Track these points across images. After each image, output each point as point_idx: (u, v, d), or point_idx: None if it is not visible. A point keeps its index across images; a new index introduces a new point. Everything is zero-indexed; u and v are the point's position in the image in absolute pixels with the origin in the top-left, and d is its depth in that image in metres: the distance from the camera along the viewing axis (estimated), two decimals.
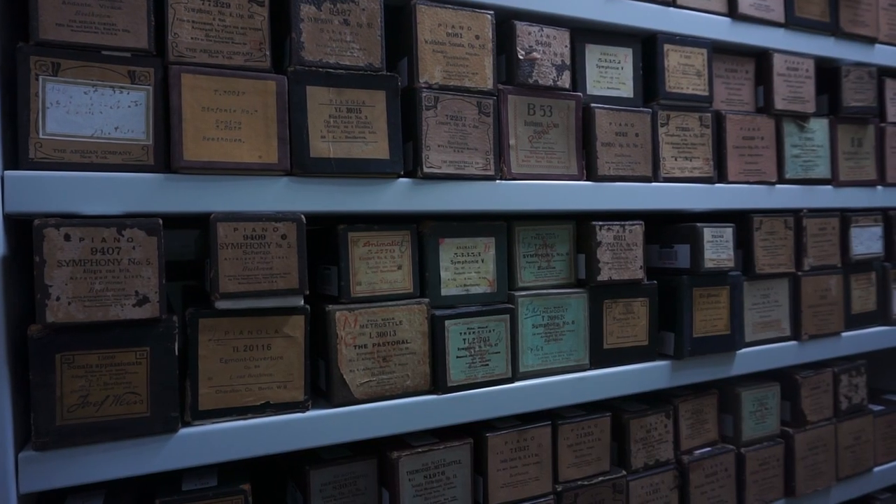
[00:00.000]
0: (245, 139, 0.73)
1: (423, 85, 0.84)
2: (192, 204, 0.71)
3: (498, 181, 0.89)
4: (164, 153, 0.71)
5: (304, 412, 0.77)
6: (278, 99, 0.75)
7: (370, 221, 0.84)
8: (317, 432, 0.77)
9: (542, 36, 0.92)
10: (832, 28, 1.22)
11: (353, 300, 0.81)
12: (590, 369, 0.97)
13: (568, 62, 0.95)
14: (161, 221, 0.69)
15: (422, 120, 0.83)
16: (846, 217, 1.23)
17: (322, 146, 0.77)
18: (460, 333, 0.86)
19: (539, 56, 0.92)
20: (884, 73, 1.32)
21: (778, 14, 1.15)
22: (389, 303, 0.83)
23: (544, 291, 0.94)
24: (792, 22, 1.17)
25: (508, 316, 0.90)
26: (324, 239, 0.88)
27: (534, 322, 0.92)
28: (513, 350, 0.91)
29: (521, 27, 0.91)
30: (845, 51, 1.24)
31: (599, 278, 0.95)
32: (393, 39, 0.88)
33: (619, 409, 1.04)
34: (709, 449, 1.11)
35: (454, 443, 0.87)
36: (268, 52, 0.76)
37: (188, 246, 1.19)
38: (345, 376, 0.80)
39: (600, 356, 0.98)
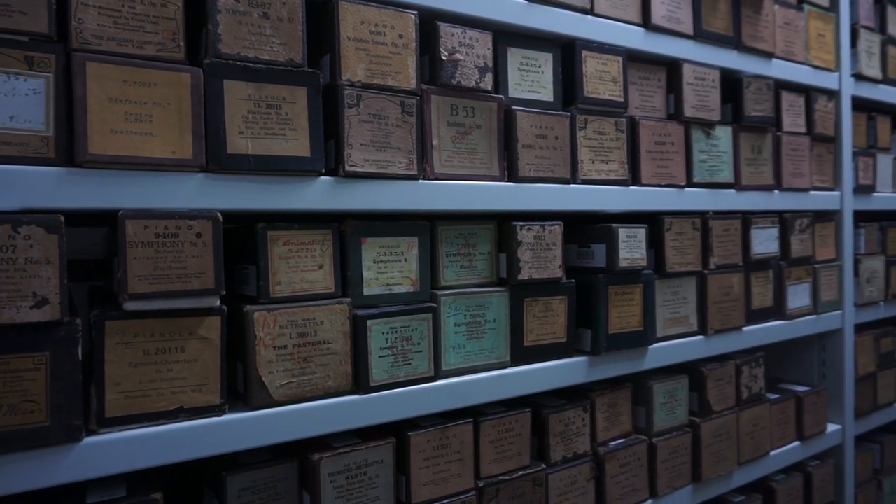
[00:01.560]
0: (157, 133, 0.70)
1: (345, 83, 0.83)
2: (98, 200, 0.68)
3: (421, 181, 0.89)
4: (67, 146, 0.67)
5: (220, 416, 0.75)
6: (193, 92, 0.72)
7: (290, 220, 0.82)
8: (234, 437, 0.75)
9: (465, 38, 0.93)
10: (735, 42, 1.30)
11: (273, 300, 0.79)
12: (511, 366, 0.99)
13: (490, 64, 0.96)
14: (62, 218, 0.64)
15: (344, 118, 0.82)
16: (747, 219, 1.31)
17: (240, 142, 0.75)
18: (382, 333, 0.86)
19: (462, 57, 0.93)
20: (780, 85, 1.42)
21: (687, 27, 1.22)
22: (310, 303, 0.81)
23: (466, 290, 0.95)
24: (700, 35, 1.24)
25: (431, 315, 0.90)
26: (242, 238, 0.85)
27: (456, 321, 0.93)
28: (435, 349, 0.92)
29: (445, 28, 0.92)
30: (747, 63, 1.32)
31: (520, 277, 0.98)
32: (315, 35, 0.87)
33: (538, 405, 1.07)
34: (623, 440, 1.16)
35: (376, 442, 0.87)
36: (182, 44, 0.73)
37: (98, 244, 1.13)
38: (263, 378, 0.78)
39: (521, 353, 1.00)
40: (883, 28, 1.69)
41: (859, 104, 1.64)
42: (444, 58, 0.91)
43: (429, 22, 0.93)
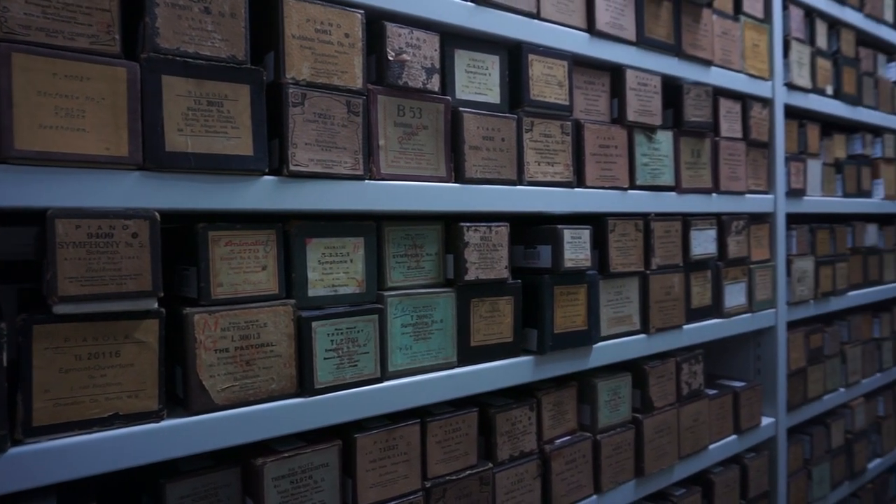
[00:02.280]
0: (90, 129, 0.68)
1: (289, 81, 0.82)
2: (26, 198, 0.65)
3: (367, 181, 0.89)
4: None
5: (158, 422, 0.72)
6: (129, 87, 0.70)
7: (232, 220, 0.81)
8: (173, 443, 0.73)
9: (412, 38, 0.93)
10: (676, 49, 1.34)
11: (214, 302, 0.77)
12: (458, 367, 1.00)
13: (438, 66, 0.96)
14: None
15: (288, 117, 0.81)
16: (687, 221, 1.36)
17: (179, 140, 0.73)
18: (328, 334, 0.85)
19: (409, 58, 0.93)
20: (718, 92, 1.48)
21: (630, 33, 1.25)
22: (253, 304, 0.80)
23: (413, 291, 0.95)
24: (642, 41, 1.27)
25: (377, 316, 0.90)
26: (182, 238, 0.83)
27: (403, 321, 0.93)
28: (382, 350, 0.91)
29: (392, 28, 0.91)
30: (686, 70, 1.37)
31: (467, 278, 0.98)
32: (259, 32, 0.85)
33: (485, 405, 1.08)
34: (569, 438, 1.18)
35: (322, 445, 0.86)
36: (118, 36, 0.70)
37: (28, 244, 1.07)
38: (204, 382, 0.76)
39: (468, 353, 1.01)
40: (812, 40, 1.78)
41: (791, 112, 1.72)
42: (390, 58, 0.91)
43: (375, 22, 0.92)
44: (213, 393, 0.76)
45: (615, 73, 1.25)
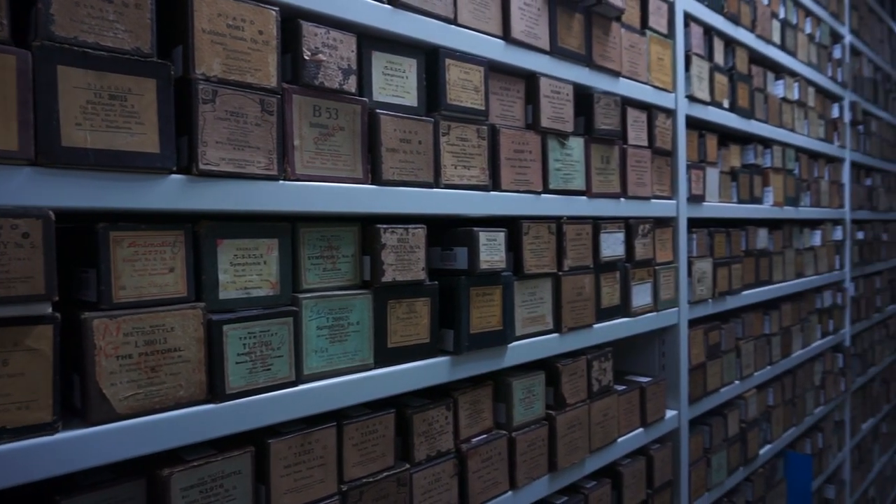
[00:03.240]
0: None
1: (199, 76, 0.79)
2: None
3: (282, 181, 0.87)
4: None
5: (52, 435, 0.68)
6: (20, 77, 0.65)
7: (137, 220, 0.77)
8: (69, 456, 0.69)
9: (328, 38, 0.93)
10: (587, 60, 1.40)
11: (116, 306, 0.74)
12: (374, 368, 1.00)
13: (355, 67, 0.96)
14: None
15: (198, 114, 0.78)
16: (597, 224, 1.42)
17: (77, 135, 0.69)
18: (240, 338, 0.83)
19: (325, 58, 0.92)
20: (626, 102, 1.55)
21: (544, 42, 1.29)
22: (159, 308, 0.76)
23: (329, 293, 0.94)
24: (555, 51, 1.32)
25: (292, 318, 0.88)
26: (81, 239, 0.78)
27: (318, 324, 0.92)
28: (297, 353, 0.90)
29: (308, 27, 0.90)
30: (596, 80, 1.43)
31: (384, 279, 0.98)
32: (166, 25, 0.82)
33: (402, 405, 1.09)
34: (485, 436, 1.20)
35: (234, 452, 0.84)
36: (6, 22, 0.66)
37: None
38: (104, 391, 0.72)
39: (385, 355, 1.01)
40: (711, 57, 1.90)
41: (692, 123, 1.83)
42: (306, 57, 0.90)
43: (291, 20, 0.91)
44: (115, 402, 0.73)
45: (529, 80, 1.29)
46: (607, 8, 1.41)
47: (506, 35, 1.22)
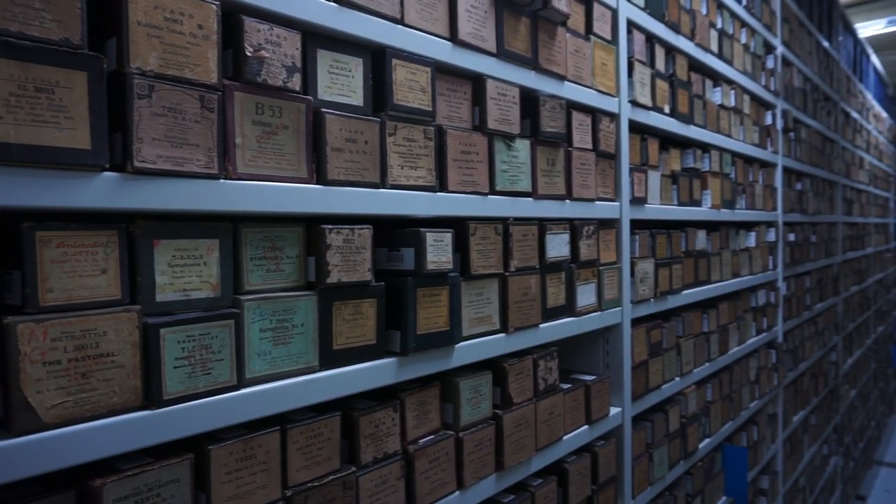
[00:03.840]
0: None
1: (134, 71, 0.76)
2: None
3: (223, 180, 0.85)
4: None
5: None
6: None
7: (66, 219, 0.74)
8: None
9: (271, 35, 0.91)
10: (533, 63, 1.42)
11: (42, 310, 0.70)
12: (320, 371, 0.98)
13: (299, 65, 0.95)
14: None
15: (133, 109, 0.76)
16: (543, 225, 1.44)
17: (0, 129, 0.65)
18: (178, 342, 0.80)
19: (268, 55, 0.90)
20: (571, 105, 1.58)
21: (491, 45, 1.30)
22: (91, 311, 0.73)
23: (273, 294, 0.92)
24: (502, 53, 1.33)
25: (233, 321, 0.86)
26: (5, 239, 0.74)
27: (261, 326, 0.90)
28: (238, 356, 0.88)
29: (250, 23, 0.88)
30: (542, 84, 1.45)
31: (329, 280, 0.97)
32: (99, 16, 0.79)
33: (349, 408, 1.07)
34: (432, 437, 1.20)
35: (171, 460, 0.81)
36: None
37: None
38: (30, 399, 0.68)
39: (330, 357, 1.00)
40: (653, 63, 1.96)
41: (634, 127, 1.88)
42: (248, 54, 0.88)
43: (233, 15, 0.89)
44: (42, 410, 0.69)
45: (476, 82, 1.29)
46: (553, 13, 1.43)
47: (453, 36, 1.22)
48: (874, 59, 6.29)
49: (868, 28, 6.94)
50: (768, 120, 3.01)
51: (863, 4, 6.74)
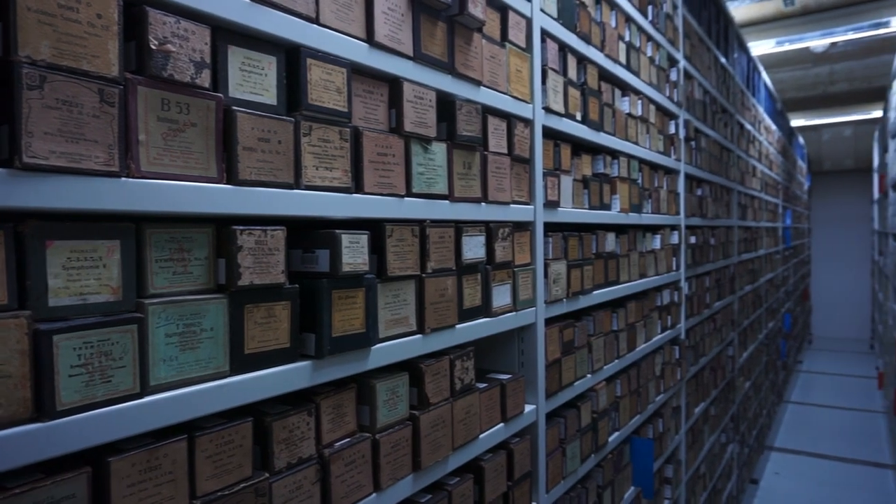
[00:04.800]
0: None
1: (24, 59, 0.71)
2: None
3: (124, 179, 0.81)
4: None
5: None
6: None
7: None
8: None
9: (178, 28, 0.88)
10: (449, 67, 1.44)
11: None
12: (230, 376, 0.95)
13: (209, 61, 0.92)
14: None
15: (22, 101, 0.71)
16: (459, 228, 1.46)
17: None
18: (74, 349, 0.76)
19: (175, 49, 0.87)
20: (487, 110, 1.62)
21: (408, 48, 1.31)
22: None
23: (180, 298, 0.89)
24: (419, 57, 1.34)
25: (136, 326, 0.82)
26: None
27: (167, 331, 0.87)
28: (142, 363, 0.84)
29: (155, 15, 0.85)
30: (459, 88, 1.48)
31: (240, 283, 0.95)
32: None
33: (262, 413, 1.05)
34: (348, 440, 1.20)
35: (66, 475, 0.76)
36: None
37: None
38: None
39: (242, 362, 0.97)
40: (565, 72, 2.03)
41: (547, 133, 1.95)
42: (153, 47, 0.85)
43: (136, 5, 0.85)
44: None
45: (393, 84, 1.30)
46: (469, 19, 1.46)
47: (369, 38, 1.22)
48: (765, 75, 6.80)
49: (759, 47, 7.50)
50: (672, 129, 3.19)
51: (755, 25, 7.28)
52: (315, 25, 1.10)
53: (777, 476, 5.70)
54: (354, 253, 1.12)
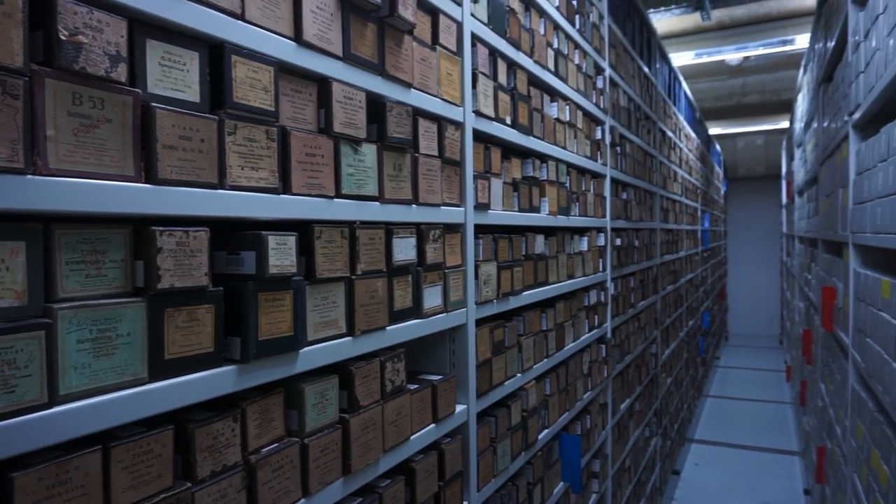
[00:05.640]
0: None
1: None
2: None
3: (30, 176, 0.77)
4: None
5: None
6: None
7: None
8: None
9: (91, 19, 0.83)
10: (380, 69, 1.44)
11: None
12: (149, 383, 0.92)
13: (125, 54, 0.88)
14: None
15: None
16: (390, 229, 1.46)
17: None
18: None
19: (87, 41, 0.83)
20: (417, 112, 1.62)
21: (337, 48, 1.30)
22: None
23: (93, 302, 0.85)
24: (348, 57, 1.33)
25: (44, 332, 0.78)
26: None
27: (79, 337, 0.82)
28: (50, 371, 0.79)
29: (64, 3, 0.81)
30: (389, 90, 1.48)
31: (160, 286, 0.91)
32: None
33: (184, 420, 1.01)
34: (276, 445, 1.17)
35: None
36: None
37: None
38: None
39: (161, 367, 0.93)
40: (495, 76, 2.07)
41: (478, 136, 1.97)
42: (63, 37, 0.80)
43: None
44: None
45: (322, 84, 1.28)
46: (399, 21, 1.46)
47: (297, 37, 1.20)
48: (685, 85, 7.14)
49: (680, 58, 7.87)
50: (598, 135, 3.30)
51: (676, 37, 7.63)
52: (240, 22, 1.07)
53: (697, 466, 5.99)
54: (282, 254, 1.10)
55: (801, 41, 7.09)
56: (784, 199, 9.23)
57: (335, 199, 1.29)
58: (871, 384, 2.18)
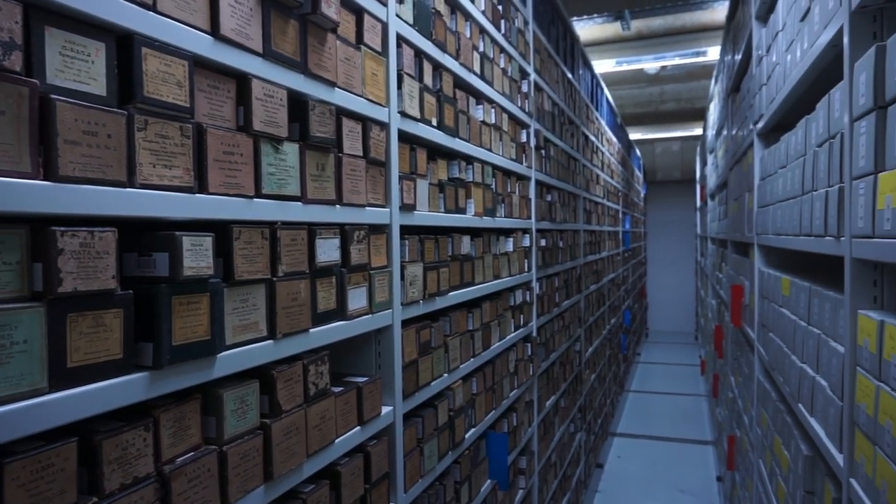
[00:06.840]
0: None
1: None
2: None
3: None
4: None
5: None
6: None
7: None
8: None
9: None
10: (302, 67, 1.41)
11: None
12: (49, 393, 0.86)
13: (20, 42, 0.82)
14: None
15: None
16: (313, 230, 1.44)
17: None
18: None
19: None
20: (341, 112, 1.61)
21: (257, 44, 1.27)
22: None
23: None
24: (269, 54, 1.30)
25: None
26: None
27: None
28: None
29: None
30: (312, 88, 1.45)
31: (61, 290, 0.86)
32: None
33: (89, 432, 0.96)
34: (192, 454, 1.13)
35: None
36: None
37: None
38: None
39: (63, 376, 0.88)
40: (421, 78, 2.07)
41: (403, 137, 1.97)
42: None
43: None
44: None
45: (241, 81, 1.25)
46: (322, 19, 1.44)
47: (214, 31, 1.16)
48: (607, 92, 7.40)
49: (602, 65, 8.16)
50: (523, 138, 3.37)
51: (598, 45, 7.91)
52: (151, 12, 1.03)
53: (620, 459, 6.21)
54: (197, 256, 1.06)
55: (713, 53, 7.51)
56: (698, 203, 9.73)
57: (255, 199, 1.26)
58: (774, 376, 2.33)
